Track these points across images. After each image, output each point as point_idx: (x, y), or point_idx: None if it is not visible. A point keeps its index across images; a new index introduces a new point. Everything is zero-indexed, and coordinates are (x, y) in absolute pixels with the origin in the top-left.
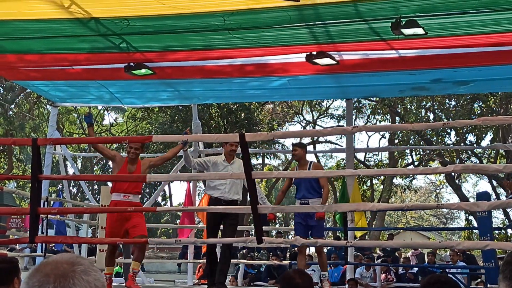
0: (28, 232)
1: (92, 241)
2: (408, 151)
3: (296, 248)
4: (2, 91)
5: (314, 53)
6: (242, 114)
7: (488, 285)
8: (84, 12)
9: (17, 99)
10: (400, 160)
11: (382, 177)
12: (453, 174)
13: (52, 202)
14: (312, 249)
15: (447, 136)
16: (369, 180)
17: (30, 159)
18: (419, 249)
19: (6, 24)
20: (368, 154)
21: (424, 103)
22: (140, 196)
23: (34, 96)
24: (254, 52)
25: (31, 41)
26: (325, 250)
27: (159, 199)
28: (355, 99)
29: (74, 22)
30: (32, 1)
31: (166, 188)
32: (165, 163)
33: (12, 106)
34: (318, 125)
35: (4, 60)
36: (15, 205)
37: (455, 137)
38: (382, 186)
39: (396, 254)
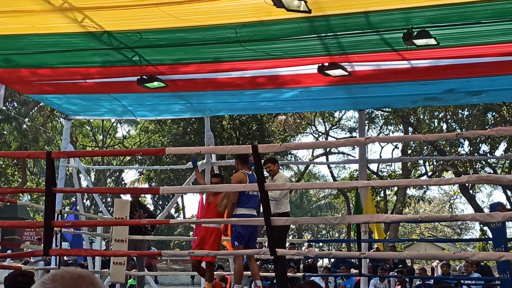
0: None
1: (106, 253)
2: (421, 161)
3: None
4: (16, 105)
5: (326, 64)
6: (254, 126)
7: None
8: (97, 26)
9: (31, 112)
10: (413, 171)
11: (396, 188)
12: (467, 184)
13: (65, 215)
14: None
15: (461, 146)
16: (382, 191)
17: (44, 172)
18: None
19: (20, 38)
20: (381, 165)
21: (437, 113)
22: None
23: (48, 110)
24: (266, 64)
25: (44, 55)
26: (332, 261)
27: (172, 211)
28: (368, 110)
29: (87, 36)
30: (46, 15)
31: (179, 200)
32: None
33: (26, 119)
34: (330, 136)
35: (18, 74)
36: (29, 218)
37: (469, 147)
38: (395, 197)
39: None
